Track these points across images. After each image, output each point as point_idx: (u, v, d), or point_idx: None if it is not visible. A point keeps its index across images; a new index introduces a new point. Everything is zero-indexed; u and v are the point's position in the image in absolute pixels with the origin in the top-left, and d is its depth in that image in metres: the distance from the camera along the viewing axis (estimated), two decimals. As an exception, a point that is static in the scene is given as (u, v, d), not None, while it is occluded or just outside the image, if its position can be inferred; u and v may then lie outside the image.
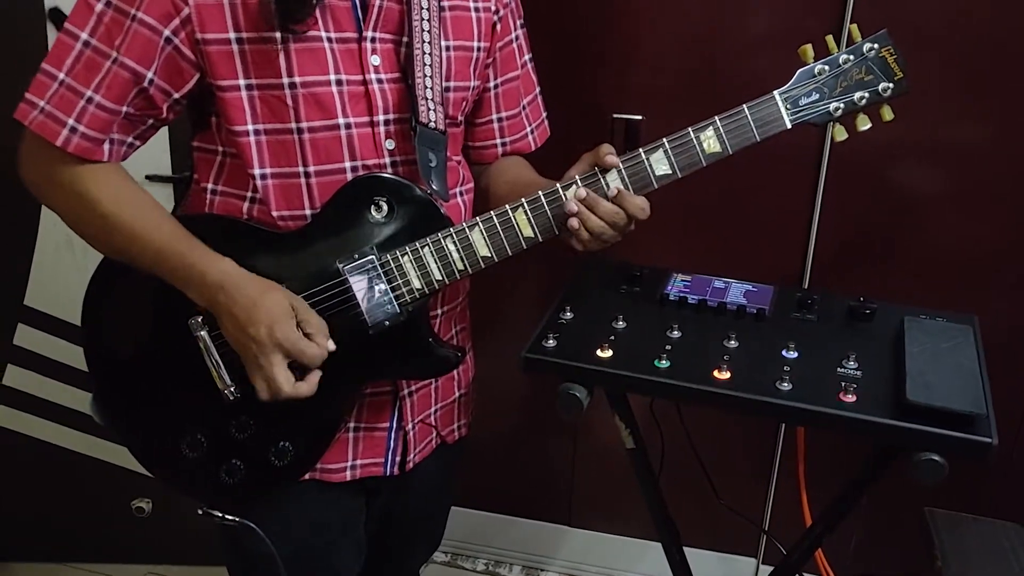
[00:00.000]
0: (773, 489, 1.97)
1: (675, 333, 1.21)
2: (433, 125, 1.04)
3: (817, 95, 1.03)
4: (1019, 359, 1.68)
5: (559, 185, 1.04)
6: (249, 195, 1.05)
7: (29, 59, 1.01)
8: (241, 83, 0.98)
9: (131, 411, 1.12)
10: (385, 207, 1.04)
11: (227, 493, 1.10)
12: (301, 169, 1.02)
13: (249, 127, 1.00)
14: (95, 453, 2.00)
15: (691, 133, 1.02)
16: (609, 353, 1.17)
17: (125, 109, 0.98)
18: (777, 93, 1.03)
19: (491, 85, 1.19)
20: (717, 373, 1.13)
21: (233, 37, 0.96)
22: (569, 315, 1.26)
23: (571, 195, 1.04)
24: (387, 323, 1.05)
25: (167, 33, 0.95)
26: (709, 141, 1.03)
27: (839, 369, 1.14)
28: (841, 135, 1.06)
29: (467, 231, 1.04)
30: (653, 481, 1.39)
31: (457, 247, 1.04)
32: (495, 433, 2.05)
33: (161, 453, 1.12)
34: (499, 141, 1.24)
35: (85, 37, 0.96)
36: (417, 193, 1.04)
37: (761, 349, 1.18)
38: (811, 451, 1.43)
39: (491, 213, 1.04)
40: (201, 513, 1.10)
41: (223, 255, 1.01)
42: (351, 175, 1.04)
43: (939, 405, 1.03)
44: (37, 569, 2.13)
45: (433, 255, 1.04)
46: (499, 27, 1.15)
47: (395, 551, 1.35)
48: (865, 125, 1.05)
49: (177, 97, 1.00)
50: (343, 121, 1.02)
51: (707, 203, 1.77)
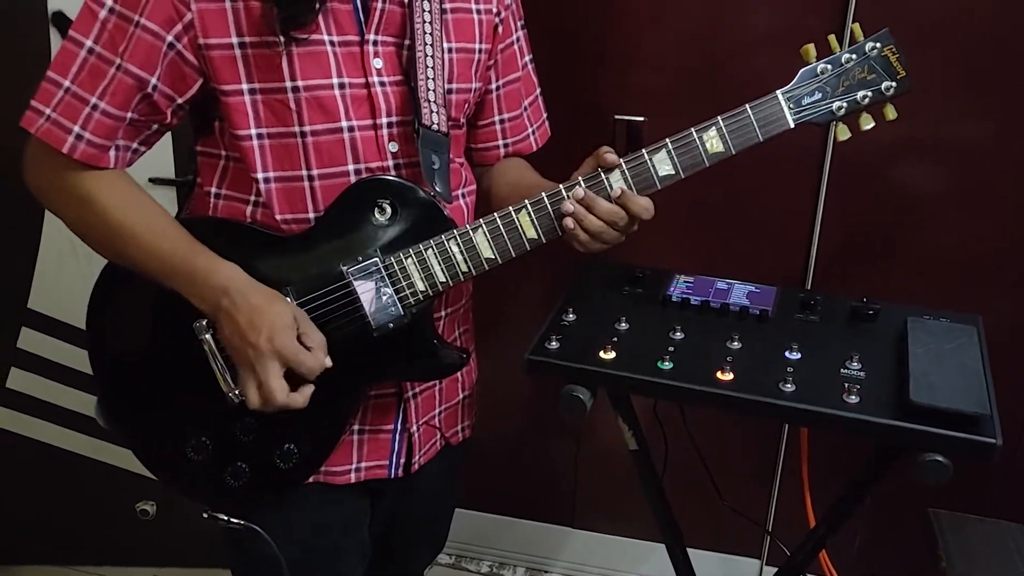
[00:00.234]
0: (777, 490, 1.97)
1: (678, 334, 1.21)
2: (436, 127, 1.04)
3: (820, 94, 1.03)
4: (1023, 359, 1.68)
5: (562, 186, 1.04)
6: (252, 199, 1.05)
7: (32, 63, 1.01)
8: (244, 87, 0.98)
9: (135, 414, 1.12)
10: (389, 210, 1.04)
11: (231, 496, 1.10)
12: (304, 172, 1.03)
13: (252, 131, 1.00)
14: (99, 456, 2.00)
15: (694, 133, 1.02)
16: (612, 355, 1.17)
17: (129, 115, 0.98)
18: (780, 93, 1.03)
19: (493, 87, 1.19)
20: (720, 374, 1.12)
21: (236, 42, 0.97)
22: (572, 317, 1.26)
23: (575, 195, 1.04)
24: (391, 325, 1.05)
25: (170, 39, 0.96)
26: (712, 141, 1.03)
27: (842, 370, 1.14)
28: (844, 134, 1.05)
29: (471, 233, 1.04)
30: (656, 482, 1.39)
31: (461, 249, 1.04)
32: (499, 435, 2.05)
33: (165, 456, 1.12)
34: (501, 143, 1.24)
35: (89, 44, 0.96)
36: (420, 195, 1.04)
37: (764, 350, 1.18)
38: (814, 452, 1.43)
39: (494, 215, 1.05)
40: (206, 516, 1.10)
41: (227, 258, 1.01)
42: (354, 178, 1.04)
43: (943, 406, 1.03)
44: (41, 571, 2.13)
45: (437, 257, 1.04)
46: (500, 29, 1.15)
47: (399, 553, 1.35)
48: (868, 124, 1.05)
49: (181, 102, 1.00)
50: (346, 124, 1.02)
51: (710, 203, 1.76)
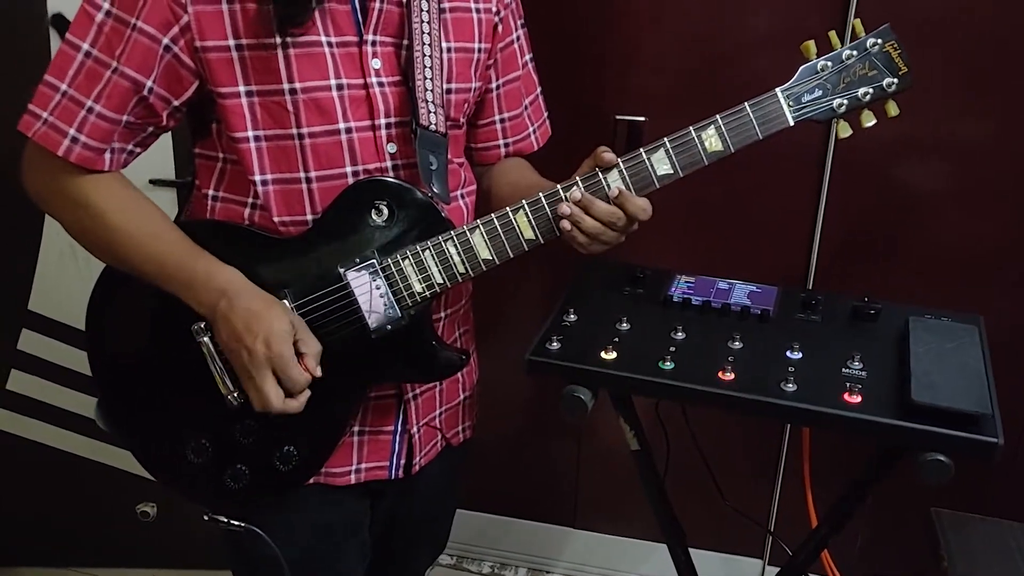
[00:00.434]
0: (778, 490, 1.96)
1: (679, 335, 1.21)
2: (433, 128, 1.04)
3: (820, 92, 1.02)
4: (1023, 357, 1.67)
5: (560, 186, 1.04)
6: (250, 201, 1.05)
7: (31, 64, 1.01)
8: (241, 90, 0.98)
9: (135, 416, 1.12)
10: (386, 211, 1.03)
11: (232, 498, 1.10)
12: (302, 175, 1.02)
13: (249, 133, 1.00)
14: (100, 457, 2.00)
15: (692, 132, 1.02)
16: (613, 355, 1.16)
17: (125, 118, 0.98)
18: (779, 90, 1.02)
19: (493, 86, 1.19)
20: (721, 374, 1.12)
21: (232, 44, 0.96)
22: (573, 317, 1.25)
23: (571, 197, 1.03)
24: (389, 327, 1.05)
25: (166, 41, 0.95)
26: (711, 140, 1.02)
27: (844, 370, 1.13)
28: (845, 132, 1.05)
29: (468, 234, 1.04)
30: (658, 483, 1.39)
31: (458, 250, 1.04)
32: (500, 435, 2.05)
33: (165, 458, 1.12)
34: (502, 142, 1.24)
35: (86, 48, 0.96)
36: (418, 196, 1.04)
37: (765, 350, 1.18)
38: (816, 452, 1.42)
39: (492, 215, 1.04)
40: (207, 519, 1.10)
41: (225, 261, 1.01)
42: (352, 180, 1.03)
43: (944, 405, 1.03)
44: (42, 573, 2.13)
45: (434, 258, 1.04)
46: (500, 28, 1.15)
47: (400, 554, 1.35)
48: (870, 121, 1.04)
49: (177, 104, 1.00)
50: (344, 126, 1.02)
51: (710, 203, 1.76)
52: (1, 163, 1.19)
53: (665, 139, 1.02)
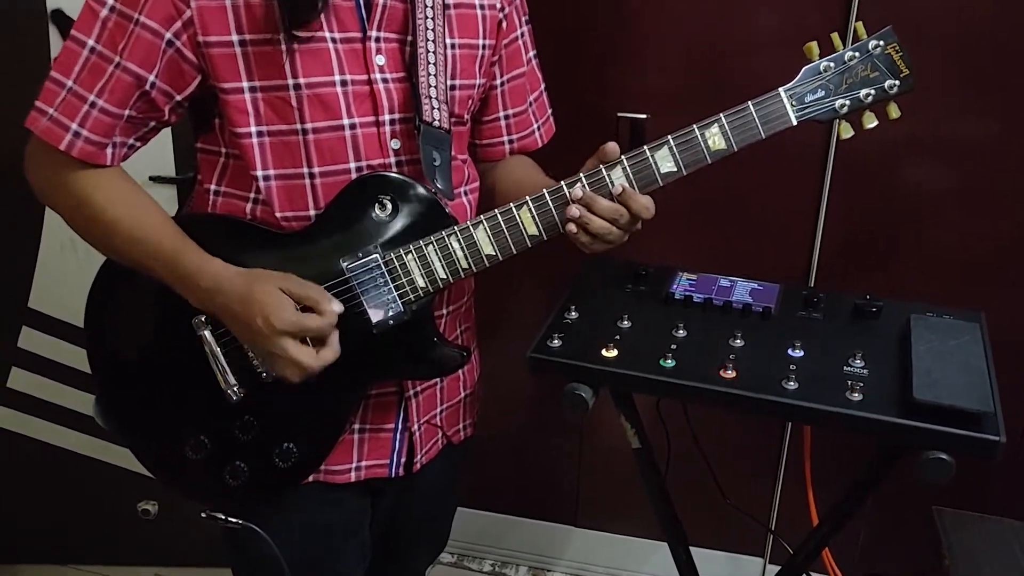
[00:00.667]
0: (780, 488, 1.96)
1: (681, 332, 1.21)
2: (437, 124, 1.04)
3: (823, 92, 1.03)
4: (1026, 356, 1.67)
5: (564, 183, 1.04)
6: (252, 196, 1.04)
7: (31, 60, 1.01)
8: (244, 85, 0.98)
9: (134, 413, 1.12)
10: (389, 206, 1.03)
11: (231, 495, 1.10)
12: (306, 170, 1.02)
13: (252, 129, 1.00)
14: (100, 455, 2.00)
15: (696, 130, 1.02)
16: (614, 353, 1.16)
17: (127, 112, 0.98)
18: (782, 90, 1.02)
19: (497, 82, 1.19)
20: (723, 372, 1.12)
21: (236, 39, 0.96)
22: (574, 315, 1.25)
23: (573, 195, 1.03)
24: (391, 322, 1.05)
25: (169, 36, 0.95)
26: (714, 138, 1.02)
27: (845, 368, 1.13)
28: (847, 132, 1.05)
29: (471, 229, 1.04)
30: (659, 481, 1.39)
31: (461, 245, 1.04)
32: (501, 433, 2.05)
33: (164, 455, 1.12)
34: (506, 138, 1.23)
35: (91, 43, 0.96)
36: (421, 192, 1.04)
37: (767, 348, 1.18)
38: (818, 450, 1.42)
39: (495, 211, 1.04)
40: (205, 516, 1.10)
41: (226, 255, 1.01)
42: (356, 176, 1.03)
43: (946, 403, 1.02)
44: (43, 571, 2.13)
45: (437, 254, 1.04)
46: (504, 24, 1.15)
47: (401, 552, 1.35)
48: (871, 123, 1.04)
49: (179, 99, 1.00)
50: (348, 122, 1.02)
51: (712, 201, 1.76)
52: (1, 160, 1.19)
53: (669, 137, 1.02)
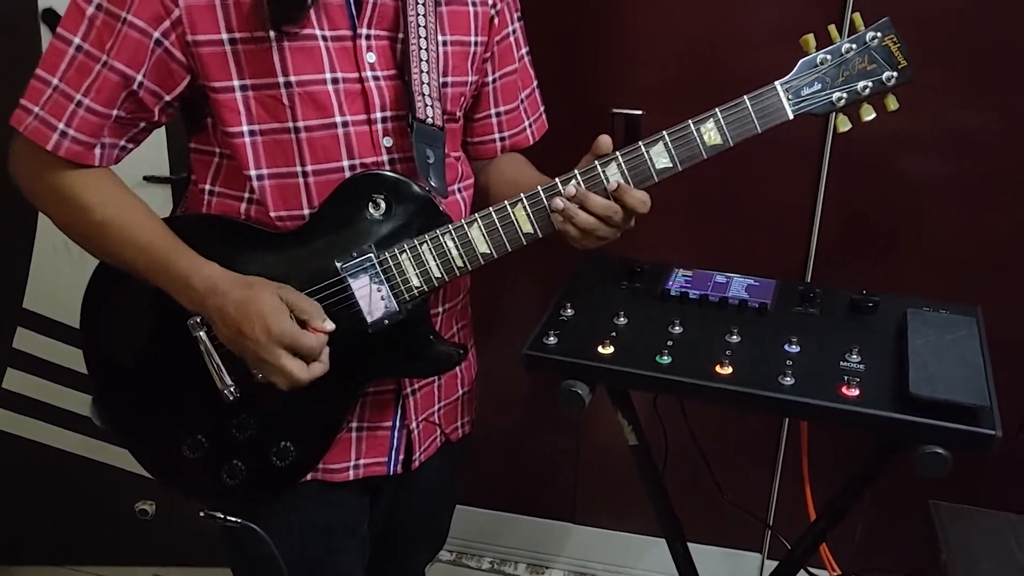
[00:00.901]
0: (777, 484, 1.96)
1: (677, 328, 1.21)
2: (430, 121, 1.04)
3: (819, 85, 1.02)
4: (1022, 350, 1.67)
5: (558, 180, 1.03)
6: (246, 196, 1.04)
7: (22, 60, 1.01)
8: (235, 84, 0.98)
9: (131, 413, 1.12)
10: (383, 204, 1.03)
11: (229, 494, 1.10)
12: (299, 169, 1.02)
13: (244, 128, 0.99)
14: (98, 456, 2.00)
15: (691, 125, 1.01)
16: (610, 349, 1.16)
17: (115, 112, 0.98)
18: (779, 84, 1.02)
19: (489, 80, 1.18)
20: (719, 368, 1.12)
21: (226, 38, 0.96)
22: (570, 312, 1.25)
23: (567, 192, 1.02)
24: (387, 321, 1.04)
25: (157, 35, 0.95)
26: (710, 133, 1.01)
27: (842, 363, 1.13)
28: (844, 126, 1.04)
29: (466, 228, 1.03)
30: (656, 478, 1.39)
31: (456, 244, 1.04)
32: (498, 431, 2.04)
33: (162, 455, 1.11)
34: (497, 136, 1.23)
35: (77, 41, 0.95)
36: (415, 190, 1.04)
37: (763, 344, 1.18)
38: (815, 445, 1.42)
39: (490, 209, 1.04)
40: (203, 515, 1.10)
41: (221, 256, 1.00)
42: (349, 174, 1.03)
43: (942, 398, 1.02)
44: (40, 572, 2.13)
45: (432, 252, 1.04)
46: (496, 21, 1.14)
47: (399, 550, 1.35)
48: (869, 115, 1.03)
49: (168, 100, 1.00)
50: (340, 120, 1.01)
51: (708, 196, 1.76)
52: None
53: (664, 132, 1.02)
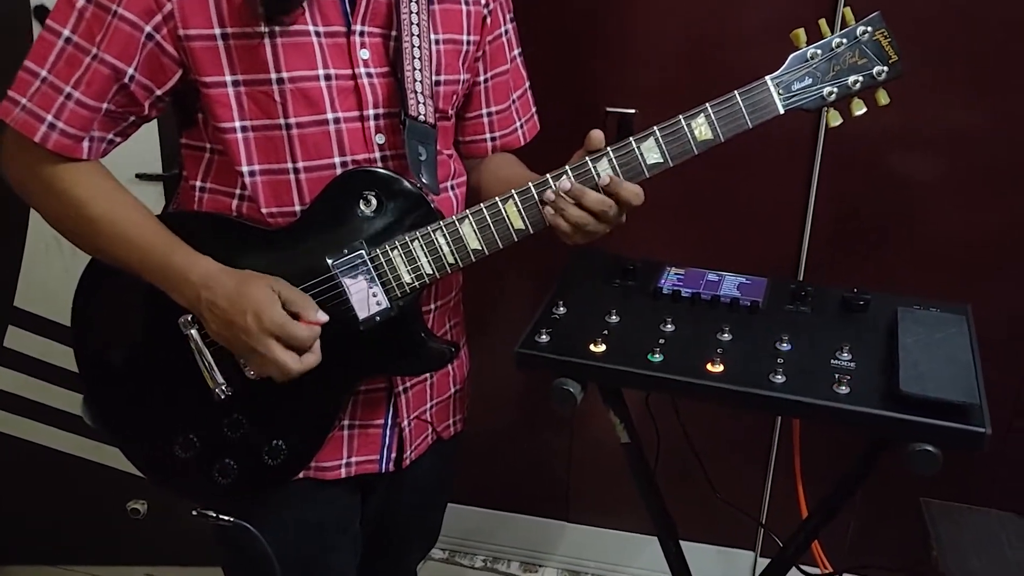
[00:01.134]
0: (770, 482, 1.97)
1: (669, 327, 1.21)
2: (422, 118, 1.03)
3: (810, 80, 1.02)
4: (1012, 348, 1.68)
5: (549, 176, 1.03)
6: (238, 192, 1.04)
7: (14, 56, 1.00)
8: (227, 79, 0.97)
9: (122, 412, 1.11)
10: (374, 201, 1.03)
11: (221, 493, 1.09)
12: (290, 165, 1.02)
13: (236, 123, 0.99)
14: (89, 455, 1.99)
15: (682, 120, 1.01)
16: (602, 347, 1.16)
17: (105, 106, 0.97)
18: (769, 78, 1.02)
19: (481, 79, 1.18)
20: (711, 366, 1.12)
21: (218, 32, 0.95)
22: (562, 310, 1.25)
23: (560, 187, 1.02)
24: (378, 319, 1.04)
25: (148, 29, 0.94)
26: (700, 128, 1.01)
27: (833, 361, 1.13)
28: (836, 120, 1.04)
29: (457, 224, 1.03)
30: (649, 476, 1.39)
31: (447, 240, 1.03)
32: (491, 429, 2.04)
33: (153, 454, 1.11)
34: (488, 136, 1.23)
35: (67, 34, 0.95)
36: (407, 186, 1.03)
37: (755, 342, 1.18)
38: (807, 443, 1.43)
39: (481, 205, 1.03)
40: (195, 514, 1.09)
41: (212, 252, 1.00)
42: (340, 170, 1.03)
43: (932, 395, 1.03)
44: (33, 572, 2.12)
45: (423, 249, 1.03)
46: (489, 21, 1.14)
47: (392, 548, 1.35)
48: (860, 110, 1.03)
49: (159, 94, 0.99)
50: (332, 116, 1.01)
51: (700, 193, 1.76)
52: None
53: (655, 128, 1.02)
